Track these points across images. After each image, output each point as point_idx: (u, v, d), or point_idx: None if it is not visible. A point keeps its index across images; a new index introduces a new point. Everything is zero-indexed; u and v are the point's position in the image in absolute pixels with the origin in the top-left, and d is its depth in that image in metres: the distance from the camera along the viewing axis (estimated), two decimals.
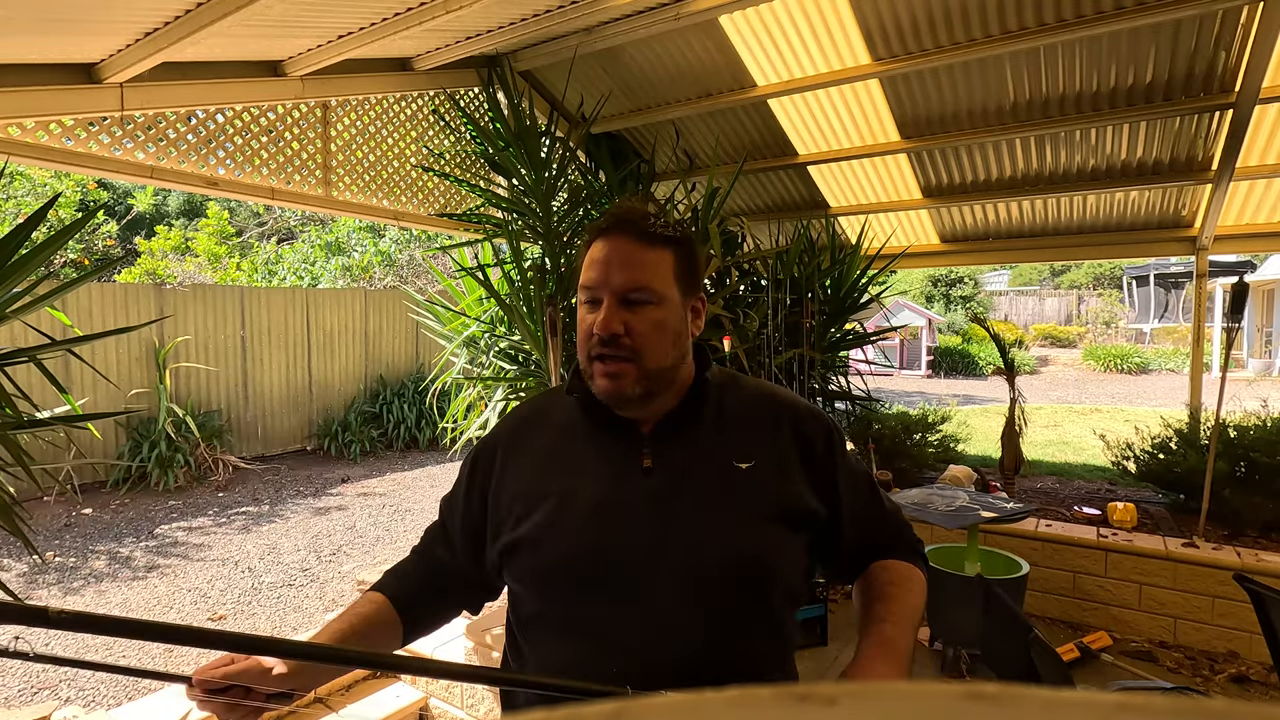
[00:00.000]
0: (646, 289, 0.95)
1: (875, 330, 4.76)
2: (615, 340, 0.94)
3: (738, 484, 0.97)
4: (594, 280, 0.96)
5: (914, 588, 1.04)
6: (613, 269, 0.95)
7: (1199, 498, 3.56)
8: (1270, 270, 16.28)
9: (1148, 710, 0.14)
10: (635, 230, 0.97)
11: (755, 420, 1.03)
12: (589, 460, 1.00)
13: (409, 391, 9.41)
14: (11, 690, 3.29)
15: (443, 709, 2.81)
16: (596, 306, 0.97)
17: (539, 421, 1.08)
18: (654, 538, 0.93)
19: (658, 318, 0.96)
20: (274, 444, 8.60)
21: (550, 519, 0.96)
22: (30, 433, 2.11)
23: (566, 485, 0.98)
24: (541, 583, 0.97)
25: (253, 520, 6.05)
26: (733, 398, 1.05)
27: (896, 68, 3.54)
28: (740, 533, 0.94)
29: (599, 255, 0.97)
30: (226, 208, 13.11)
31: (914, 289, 22.92)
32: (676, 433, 1.00)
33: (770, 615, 0.96)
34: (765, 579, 0.95)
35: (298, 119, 3.45)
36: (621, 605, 0.92)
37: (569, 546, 0.94)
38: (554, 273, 3.52)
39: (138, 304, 7.34)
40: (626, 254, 0.96)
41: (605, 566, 0.93)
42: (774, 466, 0.99)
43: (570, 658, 0.93)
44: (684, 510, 0.95)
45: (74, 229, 2.04)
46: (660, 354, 0.96)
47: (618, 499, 0.96)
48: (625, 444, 0.99)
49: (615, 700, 0.17)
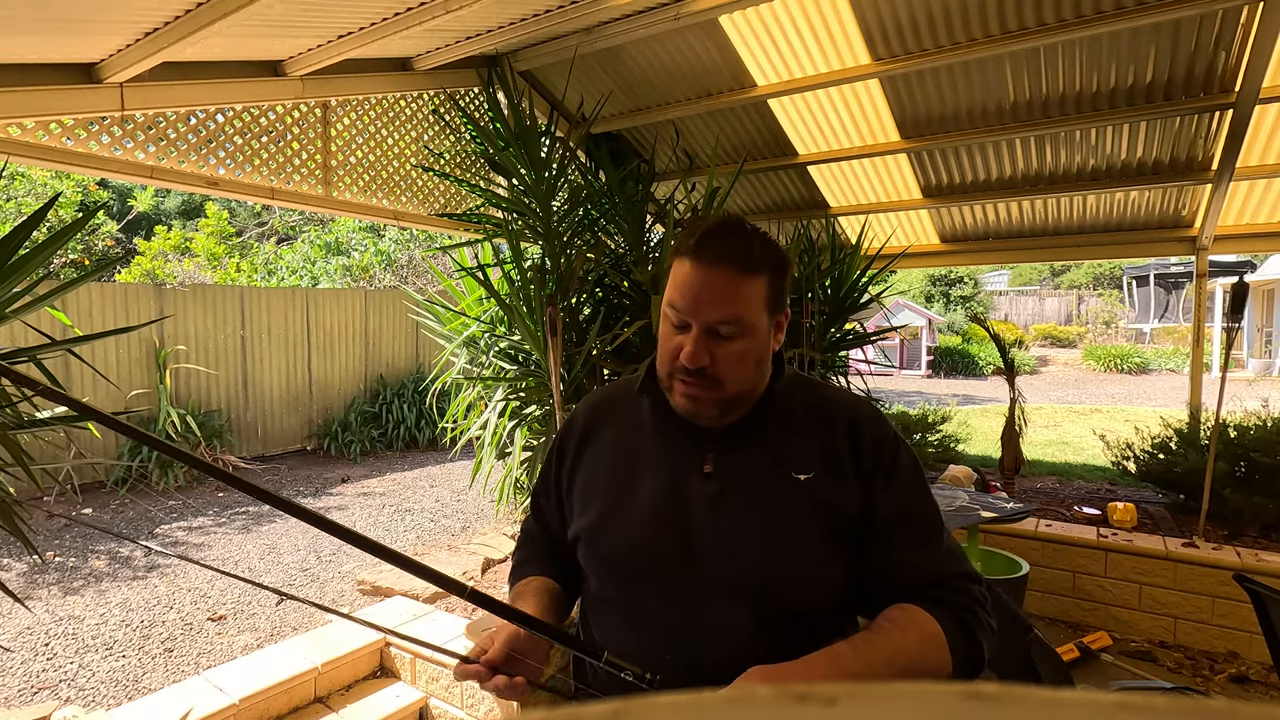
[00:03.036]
0: (737, 322, 0.93)
1: (875, 330, 4.76)
2: (701, 371, 0.94)
3: (795, 495, 0.97)
4: (685, 306, 0.94)
5: (911, 633, 0.89)
6: (704, 302, 0.93)
7: (1199, 498, 3.56)
8: (1270, 270, 16.27)
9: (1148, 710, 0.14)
10: (732, 260, 0.93)
11: (818, 429, 1.01)
12: (653, 459, 1.03)
13: (409, 391, 9.41)
14: (11, 690, 3.29)
15: (443, 709, 2.81)
16: (684, 330, 0.96)
17: (611, 413, 1.12)
18: (704, 543, 0.95)
19: (744, 349, 0.95)
20: (274, 444, 8.60)
21: (610, 512, 1.02)
22: (30, 433, 2.11)
23: (629, 480, 1.02)
24: (601, 570, 1.03)
25: (253, 520, 6.05)
26: (800, 405, 1.04)
27: (896, 68, 3.54)
28: (788, 545, 0.95)
29: (693, 281, 0.93)
30: (226, 208, 13.11)
31: (914, 289, 22.92)
32: (741, 440, 1.00)
33: (816, 628, 0.96)
34: (811, 591, 0.96)
35: (298, 119, 3.45)
36: (670, 603, 0.95)
37: (625, 541, 0.99)
38: (554, 273, 3.52)
39: (138, 304, 7.34)
40: (722, 287, 0.93)
41: (656, 564, 0.97)
42: (832, 477, 0.98)
43: (628, 644, 0.97)
44: (737, 517, 0.96)
45: (74, 229, 2.04)
46: (742, 380, 0.96)
47: (675, 500, 0.98)
48: (690, 447, 1.01)
49: (615, 700, 0.18)
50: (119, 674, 3.43)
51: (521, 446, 3.71)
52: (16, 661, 3.56)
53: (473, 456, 4.06)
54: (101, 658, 3.58)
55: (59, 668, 3.50)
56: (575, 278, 3.54)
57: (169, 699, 2.60)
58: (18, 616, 4.00)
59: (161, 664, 3.52)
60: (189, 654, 3.64)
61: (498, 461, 3.88)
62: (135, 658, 3.58)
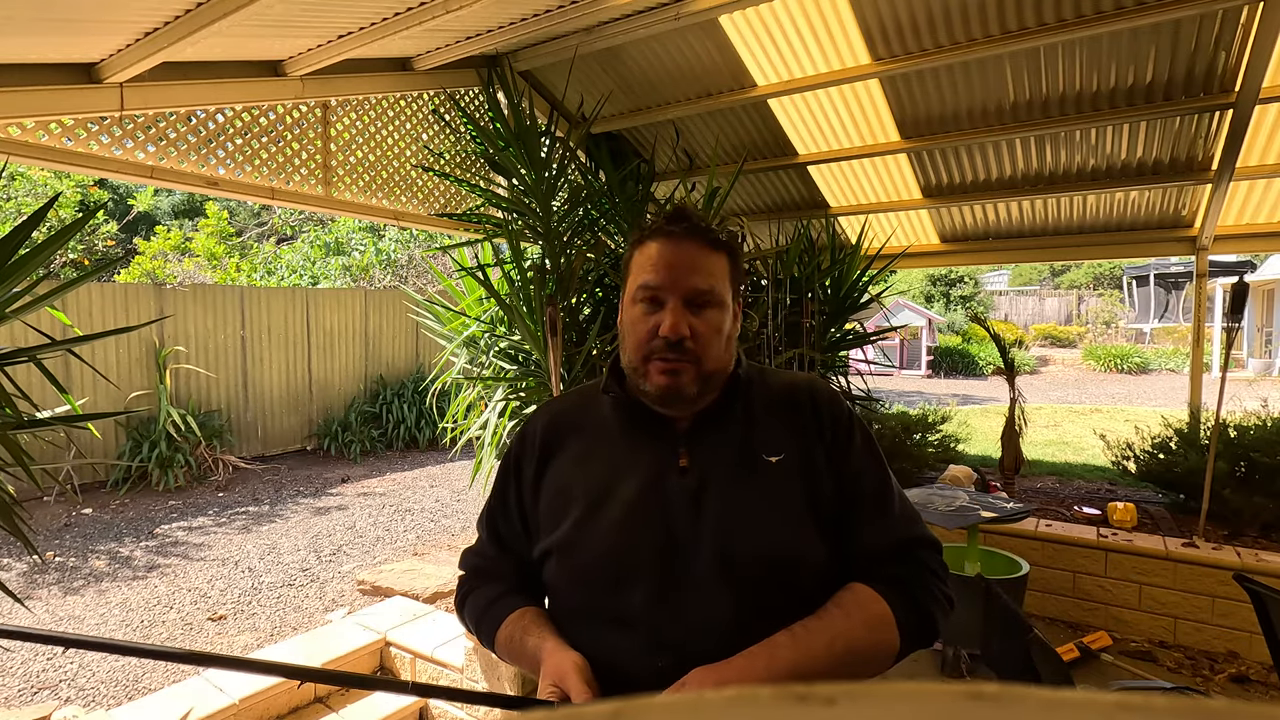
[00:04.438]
0: (712, 291, 0.96)
1: (875, 330, 4.76)
2: (681, 344, 0.94)
3: (769, 478, 0.97)
4: (660, 280, 0.96)
5: (856, 616, 0.91)
6: (680, 271, 0.95)
7: (1199, 498, 3.56)
8: (1270, 270, 16.27)
9: (1148, 710, 0.14)
10: (700, 233, 0.97)
11: (782, 411, 1.03)
12: (625, 460, 1.01)
13: (409, 391, 9.42)
14: (11, 690, 3.29)
15: (443, 709, 2.81)
16: (657, 307, 0.97)
17: (571, 425, 1.08)
18: (690, 535, 0.95)
19: (720, 322, 0.97)
20: (274, 444, 8.60)
21: (587, 520, 0.98)
22: (30, 433, 2.11)
23: (603, 485, 1.00)
24: (581, 580, 0.99)
25: (253, 520, 6.05)
26: (761, 391, 1.05)
27: (896, 68, 3.54)
28: (773, 527, 0.96)
29: (662, 257, 0.96)
30: (226, 207, 13.11)
31: (914, 289, 22.92)
32: (711, 430, 1.01)
33: (809, 609, 0.96)
34: (800, 571, 0.96)
35: (298, 119, 3.45)
36: (659, 602, 0.94)
37: (606, 545, 0.96)
38: (554, 272, 3.52)
39: (138, 304, 7.34)
40: (696, 256, 0.96)
41: (641, 565, 0.95)
42: (802, 457, 0.99)
43: (613, 650, 0.95)
44: (718, 507, 0.96)
45: (74, 229, 2.04)
46: (718, 357, 0.98)
47: (655, 498, 0.97)
48: (662, 443, 1.01)
49: (614, 700, 0.17)
50: (119, 674, 3.43)
51: None
52: (16, 661, 3.56)
53: (473, 456, 4.06)
54: (101, 657, 3.58)
55: (59, 668, 3.50)
56: (575, 278, 3.54)
57: (169, 699, 2.60)
58: (18, 616, 4.00)
59: (161, 664, 3.52)
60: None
61: (497, 461, 3.88)
62: (135, 658, 3.59)
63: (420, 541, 5.36)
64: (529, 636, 0.97)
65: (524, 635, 0.98)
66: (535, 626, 0.98)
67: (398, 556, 5.02)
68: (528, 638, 0.97)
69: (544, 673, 0.91)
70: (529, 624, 0.99)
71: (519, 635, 0.99)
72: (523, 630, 0.99)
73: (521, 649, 0.98)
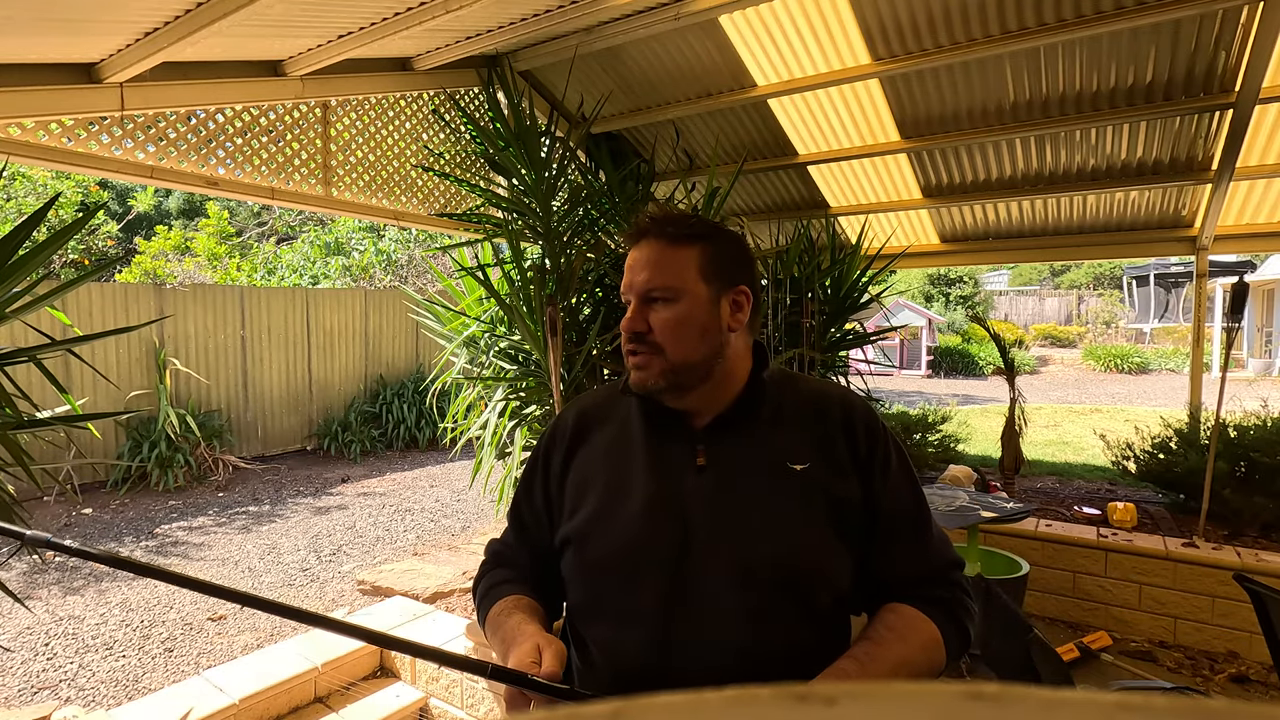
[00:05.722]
0: (664, 287, 0.99)
1: (875, 330, 4.76)
2: (640, 337, 1.00)
3: (790, 485, 0.97)
4: (624, 284, 1.04)
5: (913, 640, 0.93)
6: (636, 271, 1.01)
7: (1199, 498, 3.56)
8: (1270, 270, 16.28)
9: (1148, 710, 0.14)
10: (659, 232, 1.02)
11: (810, 420, 1.03)
12: (644, 456, 1.03)
13: (409, 391, 9.41)
14: (11, 690, 3.29)
15: (443, 709, 2.81)
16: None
17: (601, 417, 1.11)
18: (703, 535, 0.95)
19: (677, 313, 0.99)
20: (274, 444, 8.60)
21: (604, 511, 1.00)
22: (30, 433, 2.11)
23: (623, 480, 1.01)
24: (594, 575, 1.01)
25: (253, 520, 6.05)
26: (790, 397, 1.05)
27: (896, 68, 3.54)
28: (789, 533, 0.95)
29: (630, 260, 1.03)
30: (226, 207, 13.11)
31: (914, 289, 22.91)
32: (732, 431, 1.01)
33: (818, 617, 0.96)
34: (813, 580, 0.96)
35: (298, 119, 3.45)
36: (670, 601, 0.94)
37: (620, 541, 0.98)
38: (554, 273, 3.52)
39: (138, 304, 7.34)
40: (649, 256, 1.01)
41: (654, 563, 0.96)
42: (828, 467, 0.99)
43: (625, 647, 0.96)
44: (734, 509, 0.96)
45: (74, 229, 2.04)
46: (685, 348, 0.99)
47: (670, 495, 0.98)
48: (681, 442, 1.02)
49: (615, 700, 0.17)
50: (119, 674, 3.43)
51: (521, 446, 3.71)
52: (17, 661, 3.56)
53: (473, 456, 4.06)
54: (101, 657, 3.58)
55: (59, 668, 3.50)
56: (575, 278, 3.54)
57: (169, 699, 2.60)
58: (18, 616, 4.00)
59: (162, 664, 3.52)
60: (189, 654, 3.64)
61: (498, 461, 3.88)
62: (135, 658, 3.59)
63: (420, 541, 5.36)
64: (513, 617, 0.98)
65: (510, 613, 0.99)
66: (522, 612, 0.99)
67: (398, 556, 5.02)
68: (511, 618, 0.98)
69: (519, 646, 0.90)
70: (518, 608, 1.00)
71: (507, 609, 1.00)
72: (511, 608, 1.00)
73: (502, 624, 0.98)
